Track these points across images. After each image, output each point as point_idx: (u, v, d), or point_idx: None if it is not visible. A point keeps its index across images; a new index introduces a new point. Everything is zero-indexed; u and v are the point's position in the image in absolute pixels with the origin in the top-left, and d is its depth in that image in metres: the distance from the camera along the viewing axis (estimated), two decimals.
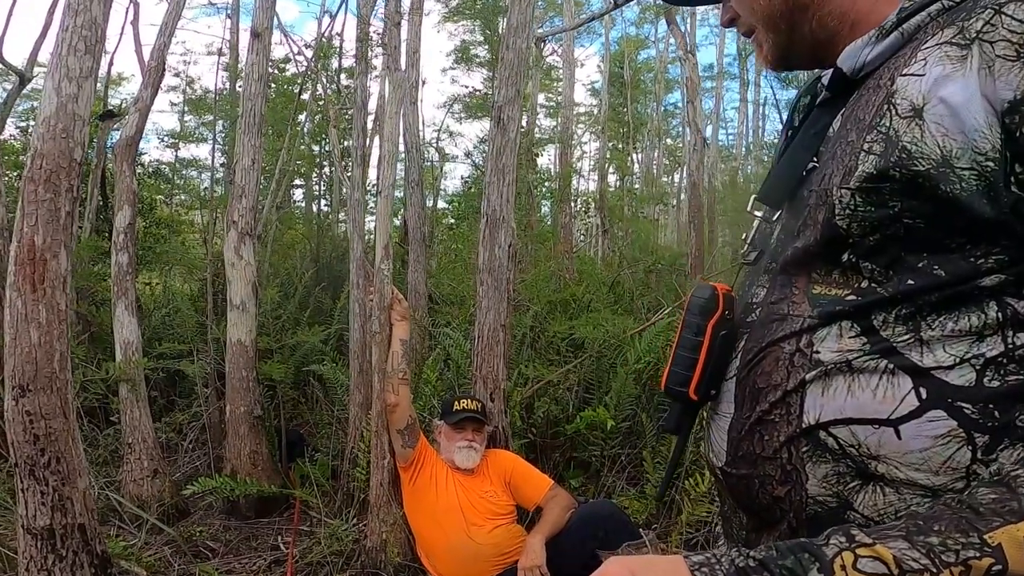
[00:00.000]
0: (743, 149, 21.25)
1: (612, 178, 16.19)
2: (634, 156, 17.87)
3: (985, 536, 0.61)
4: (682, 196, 17.86)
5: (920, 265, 0.73)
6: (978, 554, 0.61)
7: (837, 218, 0.77)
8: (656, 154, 19.05)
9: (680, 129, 20.49)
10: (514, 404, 3.93)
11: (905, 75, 0.75)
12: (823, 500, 0.79)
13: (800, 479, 0.80)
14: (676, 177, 21.08)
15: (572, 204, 10.21)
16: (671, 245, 12.99)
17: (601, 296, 6.25)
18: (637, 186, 17.03)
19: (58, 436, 2.49)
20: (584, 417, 3.90)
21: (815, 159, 0.87)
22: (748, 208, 1.00)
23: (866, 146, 0.76)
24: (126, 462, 4.29)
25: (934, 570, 0.61)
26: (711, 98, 18.28)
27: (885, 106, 0.76)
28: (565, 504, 3.19)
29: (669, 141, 20.99)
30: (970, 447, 0.71)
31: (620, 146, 17.24)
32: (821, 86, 0.91)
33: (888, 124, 0.74)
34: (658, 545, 3.06)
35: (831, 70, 0.87)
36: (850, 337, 0.77)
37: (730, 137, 23.66)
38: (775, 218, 0.94)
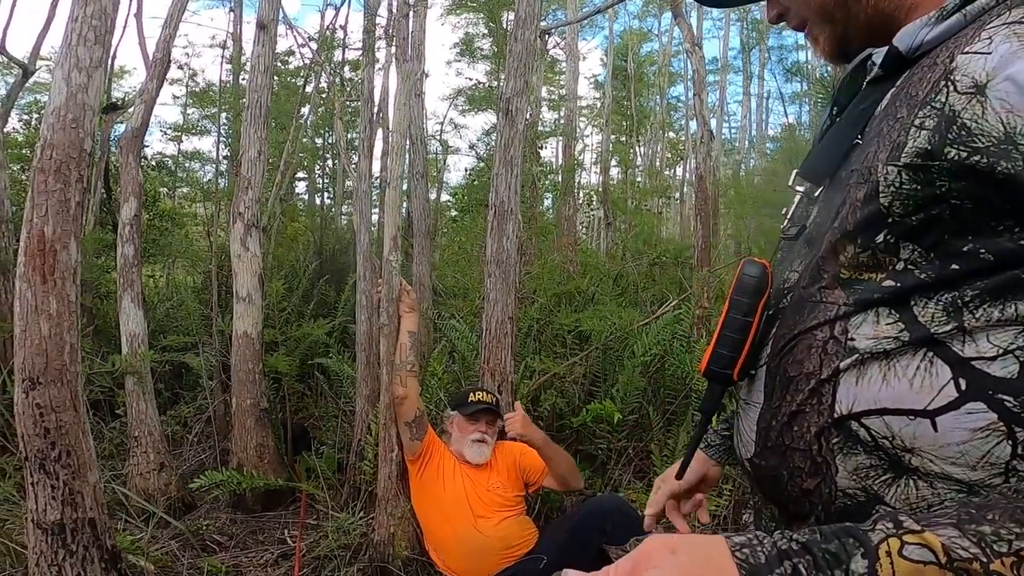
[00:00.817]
0: (746, 143, 21.27)
1: (615, 171, 16.17)
2: (637, 149, 17.86)
3: None
4: (685, 189, 17.89)
5: (966, 249, 0.71)
6: None
7: (881, 196, 0.75)
8: (659, 147, 19.04)
9: (683, 122, 20.53)
10: (520, 397, 3.92)
11: (967, 53, 0.72)
12: (853, 493, 0.78)
13: (830, 472, 0.79)
14: (678, 171, 21.10)
15: (576, 197, 10.20)
16: (673, 238, 12.98)
17: (606, 289, 6.25)
18: (640, 179, 17.01)
19: (68, 429, 2.47)
20: (591, 410, 3.89)
21: (860, 137, 0.85)
22: (790, 183, 0.98)
23: (918, 121, 0.73)
24: (132, 455, 4.28)
25: (984, 559, 0.58)
26: (715, 91, 18.30)
27: (942, 82, 0.73)
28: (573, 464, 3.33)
29: (672, 135, 20.99)
30: (1010, 441, 0.69)
31: (623, 139, 17.22)
32: (872, 64, 0.89)
33: (944, 100, 0.72)
34: None
35: (882, 51, 0.85)
36: (887, 324, 0.75)
37: (733, 131, 23.70)
38: (816, 195, 0.92)
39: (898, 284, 0.75)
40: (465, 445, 3.22)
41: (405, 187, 7.49)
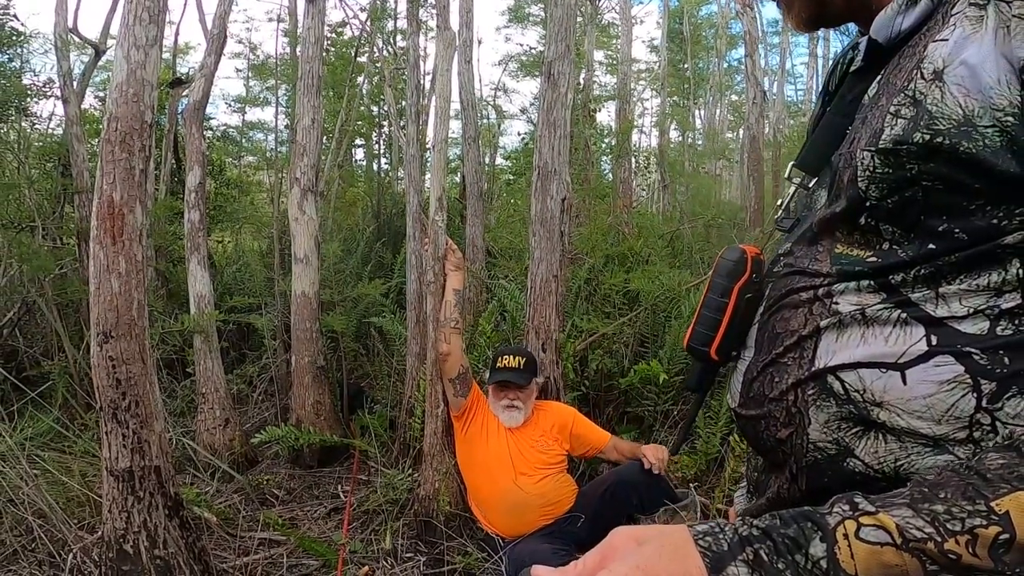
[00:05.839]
0: (812, 104, 20.60)
1: (675, 134, 15.93)
2: (696, 112, 17.51)
3: (992, 504, 0.60)
4: (746, 152, 17.53)
5: (941, 229, 0.73)
6: (985, 522, 0.59)
7: (859, 180, 0.78)
8: (718, 110, 18.63)
9: (744, 85, 20.03)
10: (567, 356, 3.96)
11: (936, 41, 0.76)
12: (823, 447, 0.81)
13: (803, 423, 0.82)
14: (740, 133, 20.63)
15: (633, 159, 10.10)
16: (734, 200, 12.76)
17: (659, 250, 6.20)
18: (700, 142, 16.71)
19: (137, 380, 2.64)
20: (638, 371, 3.89)
21: (850, 127, 0.87)
22: (787, 175, 1.00)
23: (893, 109, 0.76)
24: (200, 412, 4.52)
25: (939, 539, 0.59)
26: (777, 53, 17.75)
27: (915, 71, 0.76)
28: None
29: (735, 97, 20.49)
30: (975, 394, 0.70)
31: (682, 102, 16.91)
32: (857, 52, 0.91)
33: (914, 88, 0.75)
34: (700, 503, 3.07)
35: (866, 39, 0.87)
36: (868, 293, 0.78)
37: (800, 92, 23.00)
38: (812, 184, 0.95)
39: (880, 261, 0.78)
40: (499, 410, 3.29)
41: (458, 151, 7.53)
